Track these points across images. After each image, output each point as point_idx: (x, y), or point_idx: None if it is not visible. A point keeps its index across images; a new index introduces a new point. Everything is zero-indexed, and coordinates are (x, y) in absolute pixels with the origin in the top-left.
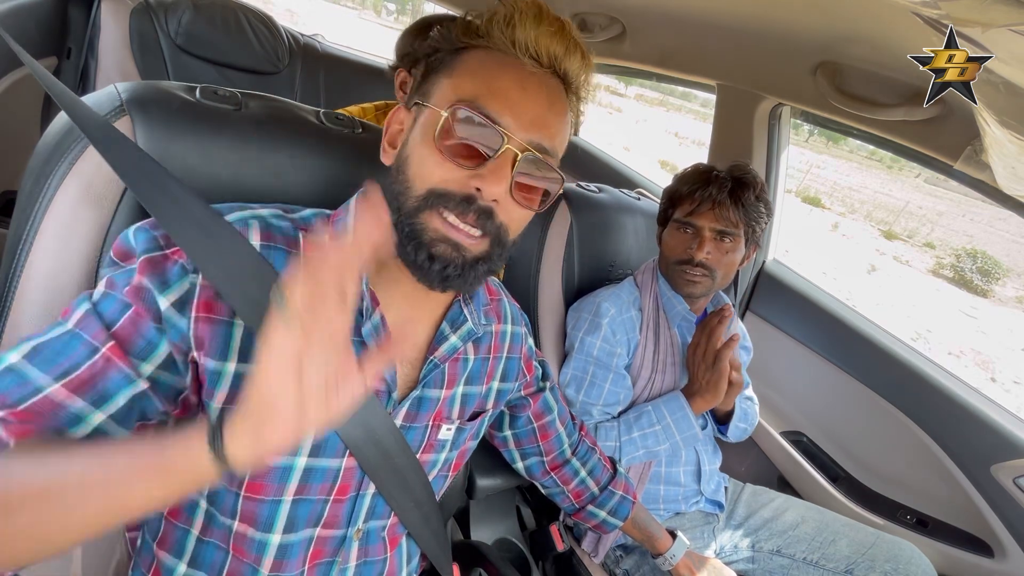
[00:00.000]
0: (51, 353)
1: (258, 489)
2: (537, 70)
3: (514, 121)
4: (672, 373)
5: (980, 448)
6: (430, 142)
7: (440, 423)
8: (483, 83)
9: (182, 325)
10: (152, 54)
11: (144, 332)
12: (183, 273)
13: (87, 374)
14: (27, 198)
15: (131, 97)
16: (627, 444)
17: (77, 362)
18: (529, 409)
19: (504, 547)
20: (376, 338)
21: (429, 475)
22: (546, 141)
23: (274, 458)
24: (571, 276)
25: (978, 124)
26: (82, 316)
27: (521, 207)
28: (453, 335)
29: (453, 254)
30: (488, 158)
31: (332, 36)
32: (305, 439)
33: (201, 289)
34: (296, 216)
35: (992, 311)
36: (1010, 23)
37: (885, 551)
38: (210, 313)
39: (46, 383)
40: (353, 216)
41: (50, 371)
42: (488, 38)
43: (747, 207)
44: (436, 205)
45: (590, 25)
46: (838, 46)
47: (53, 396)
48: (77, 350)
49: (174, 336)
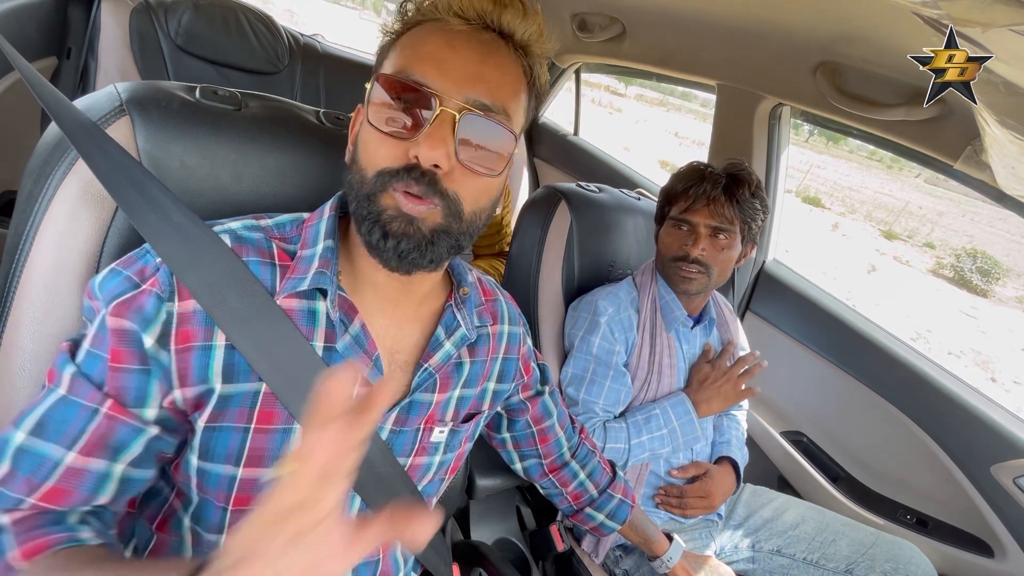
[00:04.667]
0: (55, 424)
1: (246, 502)
2: (465, 27)
3: (445, 81)
4: (669, 375)
5: (980, 448)
6: (368, 124)
7: (432, 426)
8: (410, 53)
9: (164, 361)
10: (152, 54)
11: (132, 382)
12: (159, 303)
13: (95, 436)
14: (27, 198)
15: (131, 97)
16: (636, 447)
17: (82, 427)
18: (528, 413)
19: (504, 547)
20: (358, 350)
21: (424, 479)
22: (486, 97)
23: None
24: (571, 276)
25: (978, 124)
26: (71, 380)
27: (473, 173)
28: (447, 342)
29: (408, 228)
30: (425, 124)
31: (332, 36)
32: None
33: (178, 319)
34: (270, 223)
35: (992, 311)
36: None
37: (885, 551)
38: (188, 342)
39: (61, 454)
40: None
41: (60, 442)
42: (418, 13)
43: (742, 203)
44: (386, 184)
45: (590, 25)
46: (838, 46)
47: (73, 464)
48: (78, 415)
49: (157, 374)
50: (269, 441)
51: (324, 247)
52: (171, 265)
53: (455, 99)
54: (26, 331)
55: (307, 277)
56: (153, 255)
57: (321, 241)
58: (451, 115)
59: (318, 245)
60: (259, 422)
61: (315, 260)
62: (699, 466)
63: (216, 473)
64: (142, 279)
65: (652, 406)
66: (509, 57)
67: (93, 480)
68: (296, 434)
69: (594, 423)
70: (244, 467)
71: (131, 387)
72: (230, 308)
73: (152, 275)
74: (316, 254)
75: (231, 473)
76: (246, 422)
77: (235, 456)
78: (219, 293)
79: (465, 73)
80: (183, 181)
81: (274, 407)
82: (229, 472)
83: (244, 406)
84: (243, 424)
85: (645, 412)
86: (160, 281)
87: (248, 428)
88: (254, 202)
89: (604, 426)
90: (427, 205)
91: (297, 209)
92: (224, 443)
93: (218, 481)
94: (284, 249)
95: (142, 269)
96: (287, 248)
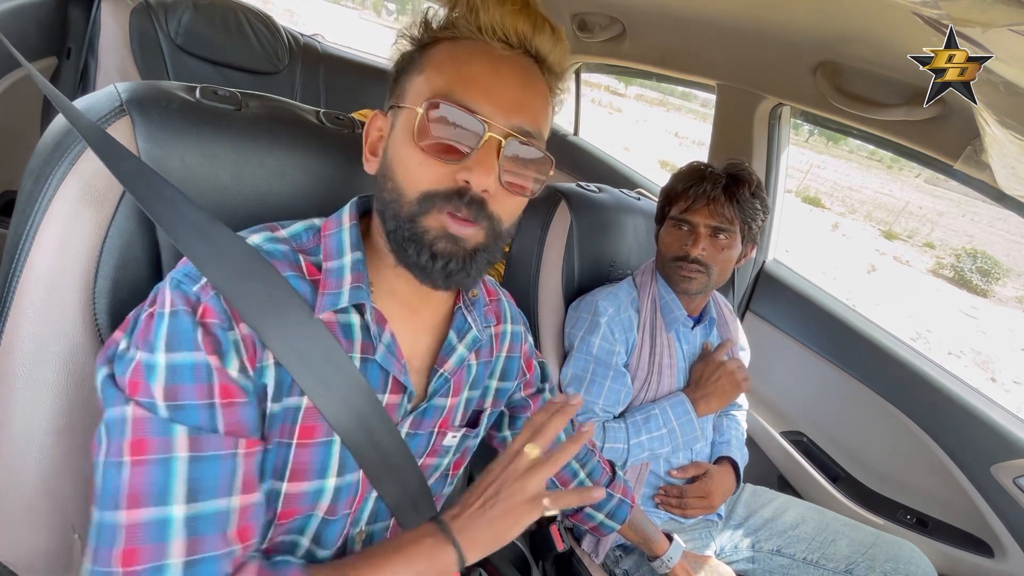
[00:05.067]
0: (209, 481)
1: (289, 516)
2: (508, 52)
3: (492, 107)
4: (669, 376)
5: (980, 448)
6: (411, 143)
7: (445, 431)
8: (455, 74)
9: (247, 386)
10: (152, 54)
11: (242, 414)
12: (224, 333)
13: (247, 472)
14: (27, 198)
15: (131, 97)
16: (635, 447)
17: (231, 474)
18: (528, 411)
19: (504, 547)
20: (391, 359)
21: (431, 477)
22: (528, 124)
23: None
24: (571, 276)
25: (978, 124)
26: (187, 440)
27: (512, 195)
28: (460, 345)
29: (454, 248)
30: (472, 149)
31: (332, 36)
32: None
33: (244, 343)
34: (288, 234)
35: (992, 311)
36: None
37: (885, 551)
38: (253, 364)
39: (229, 503)
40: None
41: (221, 492)
42: (454, 28)
43: (742, 203)
44: (432, 207)
45: (590, 25)
46: (838, 46)
47: (243, 503)
48: (221, 467)
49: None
50: (312, 455)
51: (354, 259)
52: (195, 260)
53: (501, 125)
54: (26, 331)
55: (343, 292)
56: (187, 284)
57: (348, 252)
58: (497, 140)
59: (345, 257)
60: (301, 437)
61: (346, 273)
62: (699, 466)
63: (263, 488)
64: (192, 309)
65: (651, 406)
66: (543, 82)
67: (257, 512)
68: (336, 446)
69: (595, 425)
70: (288, 481)
71: (243, 418)
72: (253, 297)
73: (198, 303)
74: (346, 267)
75: (276, 488)
76: (288, 437)
77: (280, 471)
78: (240, 284)
79: (511, 100)
80: (183, 181)
81: (315, 421)
82: (275, 487)
83: (287, 422)
84: (286, 440)
85: (644, 412)
86: (215, 310)
87: (291, 444)
88: (254, 202)
89: (603, 426)
90: (474, 228)
91: (297, 208)
92: (270, 460)
93: (264, 497)
94: (311, 262)
95: (186, 299)
96: (313, 260)
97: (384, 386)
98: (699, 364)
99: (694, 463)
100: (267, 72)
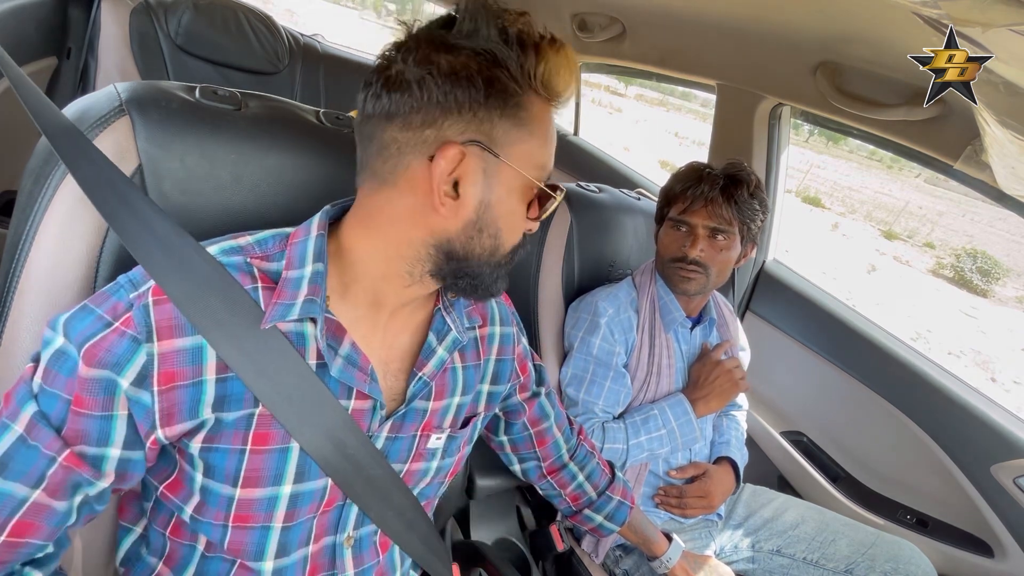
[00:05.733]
0: (18, 465)
1: (246, 520)
2: (553, 107)
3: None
4: (668, 376)
5: (980, 448)
6: (522, 210)
7: (429, 433)
8: (548, 150)
9: (146, 401)
10: (152, 54)
11: (95, 426)
12: (134, 345)
13: (56, 479)
14: (27, 198)
15: (130, 97)
16: (634, 448)
17: (43, 471)
18: (524, 415)
19: (504, 547)
20: (352, 369)
21: (421, 483)
22: None
23: None
24: (571, 276)
25: (978, 124)
26: (29, 422)
27: None
28: (440, 347)
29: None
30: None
31: (332, 36)
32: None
33: (160, 360)
34: (251, 241)
35: (992, 311)
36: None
37: (885, 551)
38: (173, 382)
39: (26, 493)
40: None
41: (23, 481)
42: (533, 79)
43: (740, 204)
44: (511, 260)
45: (590, 25)
46: (838, 46)
47: (39, 500)
48: (37, 461)
49: (138, 413)
50: (266, 461)
51: (313, 271)
52: (151, 270)
53: None
54: (26, 331)
55: (295, 304)
56: (127, 290)
57: (310, 263)
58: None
59: (306, 267)
60: (255, 443)
61: (303, 285)
62: (698, 466)
63: (216, 492)
64: (114, 317)
65: (650, 407)
66: None
67: (57, 520)
68: (294, 453)
69: (593, 424)
70: (241, 487)
71: (93, 430)
72: (218, 321)
73: (125, 312)
74: (304, 278)
75: (229, 493)
76: (241, 444)
77: (232, 477)
78: (204, 303)
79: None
80: (183, 181)
81: (269, 427)
82: (227, 492)
83: (239, 428)
84: (239, 446)
85: (643, 413)
86: (135, 321)
87: (244, 449)
88: (253, 201)
89: (603, 427)
90: None
91: (297, 208)
92: (221, 464)
93: (216, 500)
94: (265, 271)
95: (115, 305)
96: (268, 268)
97: (348, 392)
98: (697, 364)
99: (693, 463)
100: (267, 72)
